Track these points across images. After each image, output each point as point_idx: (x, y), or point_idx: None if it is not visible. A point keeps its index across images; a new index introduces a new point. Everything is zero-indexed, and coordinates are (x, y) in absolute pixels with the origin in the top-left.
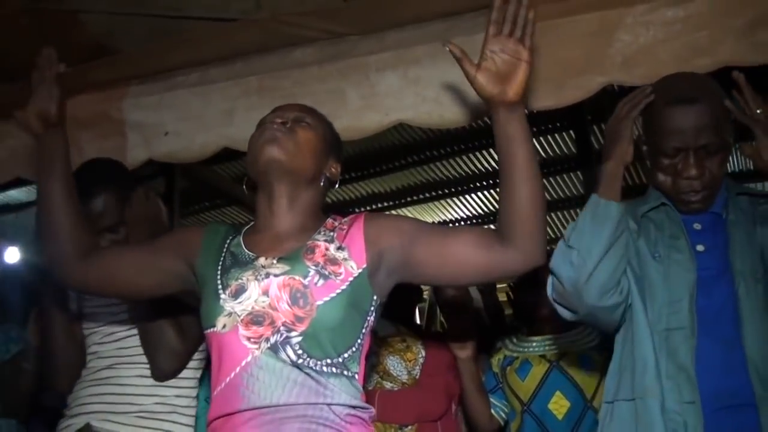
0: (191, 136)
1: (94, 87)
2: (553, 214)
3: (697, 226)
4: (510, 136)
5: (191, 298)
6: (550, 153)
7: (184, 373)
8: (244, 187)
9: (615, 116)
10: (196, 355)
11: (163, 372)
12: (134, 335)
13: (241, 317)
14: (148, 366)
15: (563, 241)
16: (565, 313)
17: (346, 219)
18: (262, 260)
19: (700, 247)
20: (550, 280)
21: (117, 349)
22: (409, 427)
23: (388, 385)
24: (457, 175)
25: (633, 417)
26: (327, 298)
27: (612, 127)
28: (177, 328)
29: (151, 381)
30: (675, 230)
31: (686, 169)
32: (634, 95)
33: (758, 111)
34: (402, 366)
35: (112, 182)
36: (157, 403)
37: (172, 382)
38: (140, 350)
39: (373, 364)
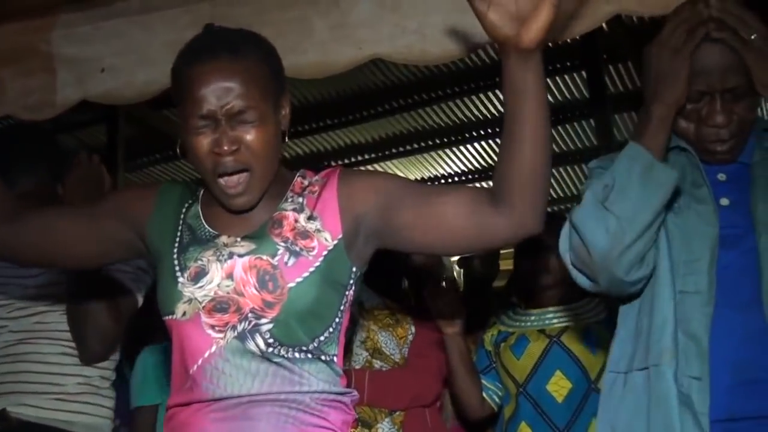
0: (132, 72)
1: (17, 14)
2: (561, 169)
3: (721, 176)
4: (519, 89)
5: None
6: (558, 97)
7: None
8: (179, 151)
9: (661, 43)
10: None
11: (94, 355)
12: (54, 311)
13: (203, 304)
14: (71, 344)
15: (595, 198)
16: (582, 281)
17: (317, 177)
18: (224, 238)
19: (724, 201)
20: (566, 236)
21: (34, 324)
22: (398, 413)
23: (377, 364)
24: (450, 123)
25: (645, 387)
26: (299, 279)
27: (659, 59)
28: (112, 308)
29: (74, 360)
30: (696, 177)
31: (712, 115)
32: (687, 16)
33: (752, 36)
34: (394, 343)
35: (45, 159)
36: (79, 384)
37: None
38: (63, 326)
39: (361, 339)
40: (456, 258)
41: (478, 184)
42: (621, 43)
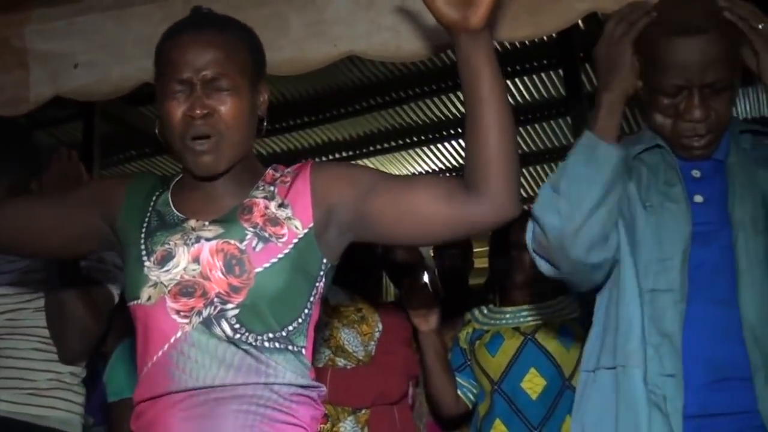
0: (106, 68)
1: None
2: (538, 167)
3: (696, 173)
4: (473, 68)
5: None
6: (535, 95)
7: None
8: (158, 134)
9: (606, 39)
10: None
11: (73, 353)
12: (27, 308)
13: (169, 288)
14: (44, 339)
15: (550, 185)
16: (544, 267)
17: (290, 169)
18: (192, 222)
19: (698, 198)
20: (530, 226)
21: (7, 320)
22: (363, 411)
23: (341, 362)
24: (427, 121)
25: (613, 387)
26: (267, 264)
27: (604, 53)
28: (90, 305)
29: (46, 356)
30: (670, 176)
31: (689, 110)
32: (629, 11)
33: (761, 26)
34: (358, 341)
35: (21, 157)
36: (50, 380)
37: None
38: (35, 322)
39: (324, 337)
40: (432, 255)
41: None
42: (597, 42)
